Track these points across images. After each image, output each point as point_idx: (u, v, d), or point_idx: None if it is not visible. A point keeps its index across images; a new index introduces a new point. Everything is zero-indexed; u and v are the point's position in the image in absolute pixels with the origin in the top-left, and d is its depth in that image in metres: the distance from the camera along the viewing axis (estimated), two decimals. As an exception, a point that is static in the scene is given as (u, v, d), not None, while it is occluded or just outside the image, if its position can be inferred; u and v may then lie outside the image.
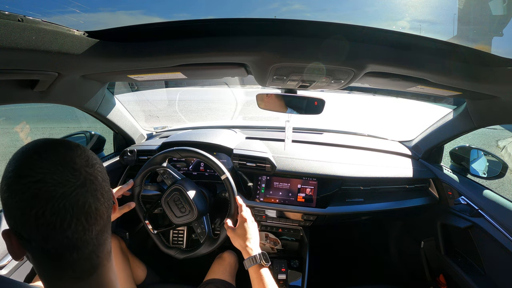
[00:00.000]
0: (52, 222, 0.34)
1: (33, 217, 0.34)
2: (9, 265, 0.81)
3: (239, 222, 0.82)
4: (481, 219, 1.00)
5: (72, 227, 0.35)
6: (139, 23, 0.59)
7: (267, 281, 0.68)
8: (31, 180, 0.34)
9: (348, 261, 1.66)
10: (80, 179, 0.37)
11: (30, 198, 0.34)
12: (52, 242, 0.35)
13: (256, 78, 0.81)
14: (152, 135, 1.53)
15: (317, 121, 1.64)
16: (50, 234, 0.35)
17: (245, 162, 1.17)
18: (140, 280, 1.08)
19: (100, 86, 1.01)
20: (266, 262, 0.71)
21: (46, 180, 0.34)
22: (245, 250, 0.75)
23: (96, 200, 0.38)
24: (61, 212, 0.34)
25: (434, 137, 1.22)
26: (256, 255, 0.72)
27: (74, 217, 0.35)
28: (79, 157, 0.38)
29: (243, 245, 0.76)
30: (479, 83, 0.68)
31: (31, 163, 0.35)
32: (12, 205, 0.35)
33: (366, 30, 0.58)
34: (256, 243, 0.78)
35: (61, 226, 0.34)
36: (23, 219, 0.34)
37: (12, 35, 0.44)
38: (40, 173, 0.34)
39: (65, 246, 0.36)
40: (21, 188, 0.34)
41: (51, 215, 0.34)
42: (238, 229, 0.80)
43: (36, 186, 0.34)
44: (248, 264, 0.72)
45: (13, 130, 5.44)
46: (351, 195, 1.17)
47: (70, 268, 0.38)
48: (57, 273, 0.38)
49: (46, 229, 0.34)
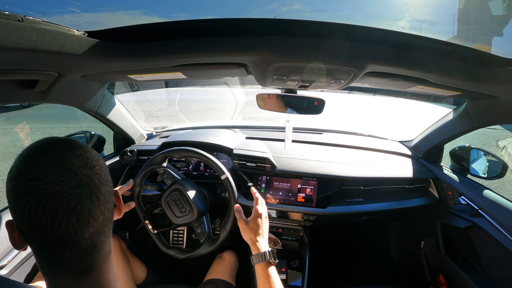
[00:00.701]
0: (43, 219, 0.35)
1: (27, 212, 0.35)
2: (9, 265, 0.81)
3: (253, 216, 0.78)
4: (481, 219, 1.00)
5: (62, 227, 0.36)
6: (139, 23, 0.59)
7: (274, 279, 0.66)
8: (29, 177, 0.35)
9: (348, 261, 1.66)
10: (75, 180, 0.37)
11: (25, 194, 0.35)
12: (43, 238, 0.36)
13: (256, 78, 0.81)
14: (152, 135, 1.53)
15: (317, 121, 1.64)
16: (41, 231, 0.36)
17: (245, 162, 1.17)
18: (140, 280, 1.08)
19: (100, 86, 1.01)
20: (274, 260, 0.69)
21: (41, 178, 0.35)
22: (254, 246, 0.72)
23: (90, 202, 0.38)
24: (52, 211, 0.35)
25: (434, 137, 1.22)
26: (265, 252, 0.70)
27: (64, 217, 0.36)
28: (77, 158, 0.39)
29: (253, 239, 0.73)
30: (479, 83, 0.68)
31: (31, 161, 0.37)
32: (12, 199, 0.37)
33: (366, 30, 0.58)
34: (266, 240, 0.75)
35: (52, 224, 0.35)
36: (20, 213, 0.36)
37: (12, 35, 0.44)
38: (37, 171, 0.36)
39: (58, 244, 0.37)
40: (19, 183, 0.36)
41: (43, 212, 0.35)
42: (251, 223, 0.77)
43: (32, 183, 0.35)
44: (256, 260, 0.69)
45: (13, 130, 5.44)
46: (351, 195, 1.17)
47: (66, 266, 0.38)
48: (55, 270, 0.39)
49: (38, 226, 0.35)
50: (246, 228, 0.76)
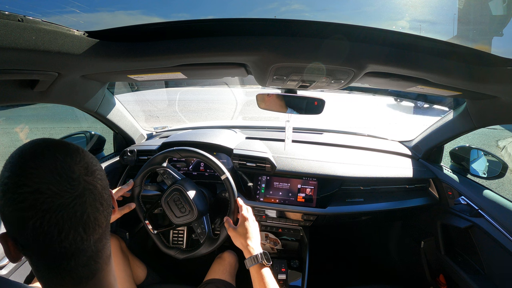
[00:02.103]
0: (49, 233, 0.33)
1: (30, 227, 0.33)
2: (9, 265, 0.81)
3: (240, 221, 0.82)
4: (481, 219, 1.00)
5: (69, 238, 0.34)
6: (139, 23, 0.59)
7: (268, 280, 0.68)
8: (28, 190, 0.33)
9: (348, 261, 1.66)
10: (79, 189, 0.35)
11: (27, 208, 0.33)
12: (49, 251, 0.34)
13: (256, 78, 0.81)
14: (152, 135, 1.53)
15: (317, 121, 1.64)
16: (47, 244, 0.34)
17: (245, 162, 1.17)
18: (140, 280, 1.08)
19: (100, 86, 1.01)
20: (267, 261, 0.71)
21: (42, 190, 0.33)
22: (246, 249, 0.75)
23: (95, 210, 0.37)
24: (59, 223, 0.33)
25: (434, 137, 1.22)
26: (257, 254, 0.72)
27: (72, 228, 0.34)
28: (78, 165, 0.37)
29: (244, 244, 0.76)
30: (479, 83, 0.68)
31: (27, 171, 0.34)
32: (8, 213, 0.34)
33: (366, 30, 0.58)
34: (257, 242, 0.77)
35: (59, 236, 0.34)
36: (20, 228, 0.34)
37: (12, 35, 0.44)
38: (36, 183, 0.33)
39: (62, 255, 0.35)
40: (17, 197, 0.33)
41: (48, 226, 0.33)
42: (239, 228, 0.80)
43: (33, 197, 0.33)
44: (250, 264, 0.71)
45: (13, 130, 5.44)
46: (351, 195, 1.17)
47: (68, 275, 0.37)
48: (55, 280, 0.37)
49: (44, 240, 0.33)
50: (236, 235, 0.79)
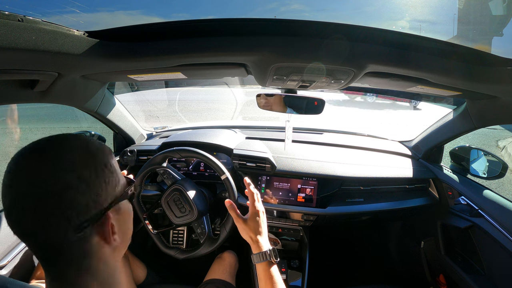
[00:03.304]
0: (24, 230, 0.37)
1: (10, 223, 0.37)
2: (9, 265, 0.81)
3: (251, 213, 0.73)
4: (481, 219, 1.00)
5: (42, 234, 0.37)
6: (139, 23, 0.59)
7: (276, 279, 0.64)
8: (5, 186, 0.37)
9: (348, 261, 1.66)
10: (39, 193, 0.36)
11: (6, 204, 0.38)
12: (27, 244, 0.38)
13: (256, 78, 0.81)
14: (152, 135, 1.53)
15: (317, 121, 1.64)
16: (23, 239, 0.38)
17: (245, 162, 1.17)
18: (140, 280, 1.08)
19: (100, 86, 1.01)
20: (276, 259, 0.67)
21: (12, 189, 0.37)
22: (255, 245, 0.69)
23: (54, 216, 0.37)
24: (27, 224, 0.36)
25: (434, 137, 1.22)
26: (267, 250, 0.67)
27: (38, 227, 0.37)
28: (44, 167, 0.37)
29: (254, 238, 0.70)
30: (479, 83, 0.68)
31: (8, 171, 0.37)
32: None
33: (366, 30, 0.58)
34: (266, 238, 0.72)
35: (32, 233, 0.37)
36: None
37: (12, 35, 0.44)
38: (10, 181, 0.37)
39: (42, 250, 0.38)
40: (2, 193, 0.38)
41: (18, 224, 0.37)
42: (249, 221, 0.71)
43: (9, 193, 0.37)
44: (257, 260, 0.67)
45: (13, 130, 5.44)
46: (351, 195, 1.17)
47: (57, 270, 0.39)
48: (49, 271, 0.40)
49: (21, 236, 0.38)
50: (245, 228, 0.71)
